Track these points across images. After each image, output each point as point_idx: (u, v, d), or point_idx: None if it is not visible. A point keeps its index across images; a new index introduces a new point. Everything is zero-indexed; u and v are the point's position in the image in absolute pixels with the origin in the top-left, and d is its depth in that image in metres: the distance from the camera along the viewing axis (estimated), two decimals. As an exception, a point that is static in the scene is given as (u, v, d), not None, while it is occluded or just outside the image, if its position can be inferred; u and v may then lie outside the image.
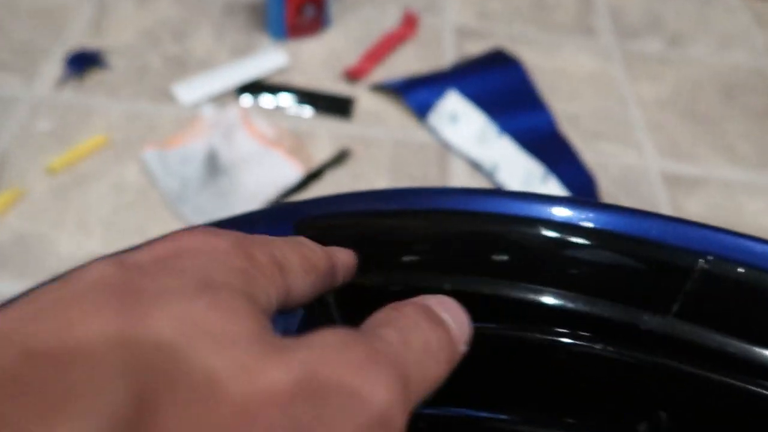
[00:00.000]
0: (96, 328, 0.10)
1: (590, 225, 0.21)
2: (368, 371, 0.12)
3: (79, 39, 0.95)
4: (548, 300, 0.22)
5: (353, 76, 0.93)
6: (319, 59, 0.96)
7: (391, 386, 0.12)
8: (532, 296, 0.22)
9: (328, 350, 0.12)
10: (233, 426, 0.10)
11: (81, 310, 0.10)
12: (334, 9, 1.03)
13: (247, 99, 0.88)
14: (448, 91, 0.89)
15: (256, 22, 1.00)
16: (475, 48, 1.01)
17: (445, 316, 0.17)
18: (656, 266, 0.20)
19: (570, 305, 0.22)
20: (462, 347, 0.16)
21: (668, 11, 1.14)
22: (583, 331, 0.21)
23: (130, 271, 0.12)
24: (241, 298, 0.13)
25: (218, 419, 0.10)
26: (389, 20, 1.04)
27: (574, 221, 0.22)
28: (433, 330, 0.15)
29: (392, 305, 0.16)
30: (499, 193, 0.23)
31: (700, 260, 0.20)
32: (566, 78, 0.99)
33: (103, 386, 0.09)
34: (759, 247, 0.20)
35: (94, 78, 0.90)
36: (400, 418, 0.12)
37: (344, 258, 0.21)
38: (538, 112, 0.90)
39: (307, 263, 0.17)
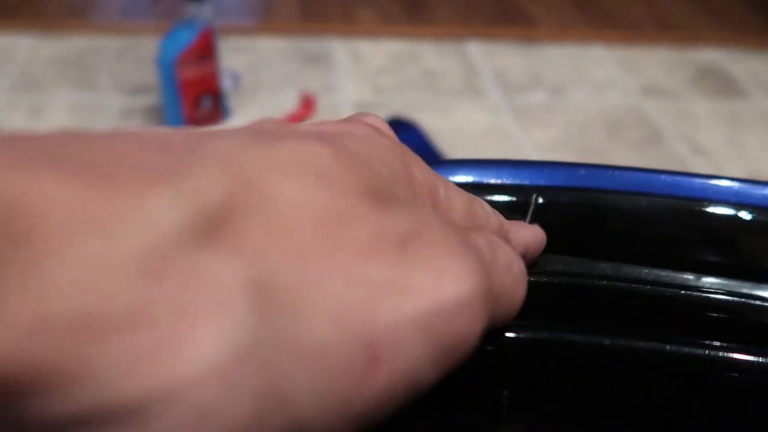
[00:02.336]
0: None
1: None
2: (458, 256, 0.12)
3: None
4: None
5: (258, 157, 0.94)
6: (222, 147, 0.97)
7: (476, 277, 0.12)
8: None
9: (428, 224, 0.13)
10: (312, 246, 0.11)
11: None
12: (232, 99, 1.05)
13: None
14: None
15: (154, 122, 1.01)
16: (374, 119, 1.05)
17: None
18: None
19: None
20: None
21: (546, 68, 1.24)
22: None
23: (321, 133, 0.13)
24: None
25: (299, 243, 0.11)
26: (288, 104, 1.07)
27: None
28: (515, 256, 0.15)
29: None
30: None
31: None
32: (463, 135, 1.04)
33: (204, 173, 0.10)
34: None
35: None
36: (480, 316, 0.12)
37: (531, 238, 0.19)
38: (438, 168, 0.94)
39: (471, 215, 0.16)
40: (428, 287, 0.12)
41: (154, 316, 0.09)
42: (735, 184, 0.22)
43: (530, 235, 0.19)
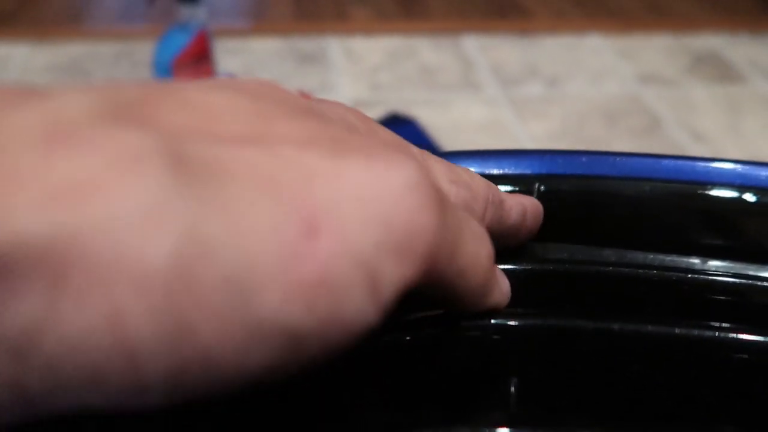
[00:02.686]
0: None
1: None
2: (398, 153, 0.12)
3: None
4: None
5: (257, 158, 0.94)
6: (221, 149, 0.97)
7: (420, 171, 0.12)
8: None
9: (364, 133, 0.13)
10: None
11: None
12: (229, 101, 1.05)
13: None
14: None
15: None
16: (372, 115, 1.05)
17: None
18: None
19: None
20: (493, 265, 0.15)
21: (542, 59, 1.24)
22: None
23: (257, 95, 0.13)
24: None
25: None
26: (285, 104, 1.07)
27: None
28: (477, 224, 0.15)
29: None
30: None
31: None
32: (461, 129, 1.04)
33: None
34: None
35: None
36: (432, 207, 0.11)
37: (528, 203, 0.19)
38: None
39: (455, 175, 0.16)
40: (368, 171, 0.11)
41: (60, 169, 0.09)
42: (738, 167, 0.22)
43: (525, 200, 0.19)
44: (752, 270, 0.20)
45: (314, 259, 0.10)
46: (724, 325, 0.16)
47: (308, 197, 0.10)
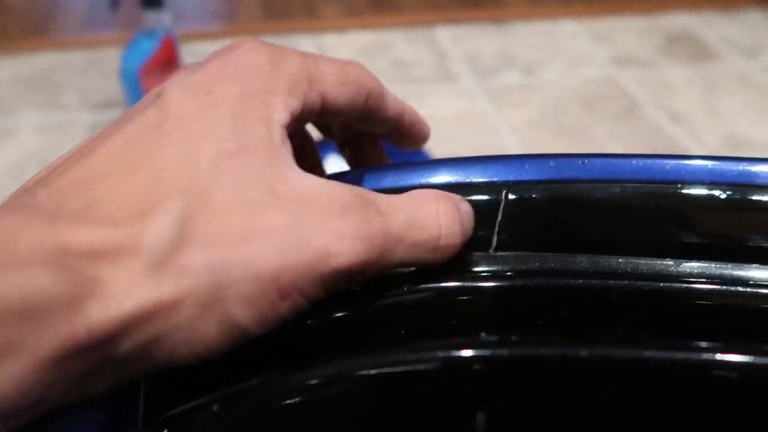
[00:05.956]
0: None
1: None
2: None
3: (-64, 190, 0.90)
4: None
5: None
6: (196, 156, 0.96)
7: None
8: None
9: None
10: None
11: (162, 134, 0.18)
12: (202, 106, 1.03)
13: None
14: (326, 154, 0.90)
15: (125, 135, 0.99)
16: (348, 114, 1.04)
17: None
18: None
19: None
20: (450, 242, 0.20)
21: (517, 48, 1.23)
22: None
23: (192, 90, 0.18)
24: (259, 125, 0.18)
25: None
26: (259, 106, 1.05)
27: None
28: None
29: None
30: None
31: None
32: (439, 122, 1.03)
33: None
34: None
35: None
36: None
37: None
38: (415, 155, 0.93)
39: (345, 76, 0.20)
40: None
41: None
42: (708, 164, 0.22)
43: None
44: (728, 269, 0.20)
45: (281, 310, 0.17)
46: (697, 344, 0.15)
47: (282, 275, 0.17)
